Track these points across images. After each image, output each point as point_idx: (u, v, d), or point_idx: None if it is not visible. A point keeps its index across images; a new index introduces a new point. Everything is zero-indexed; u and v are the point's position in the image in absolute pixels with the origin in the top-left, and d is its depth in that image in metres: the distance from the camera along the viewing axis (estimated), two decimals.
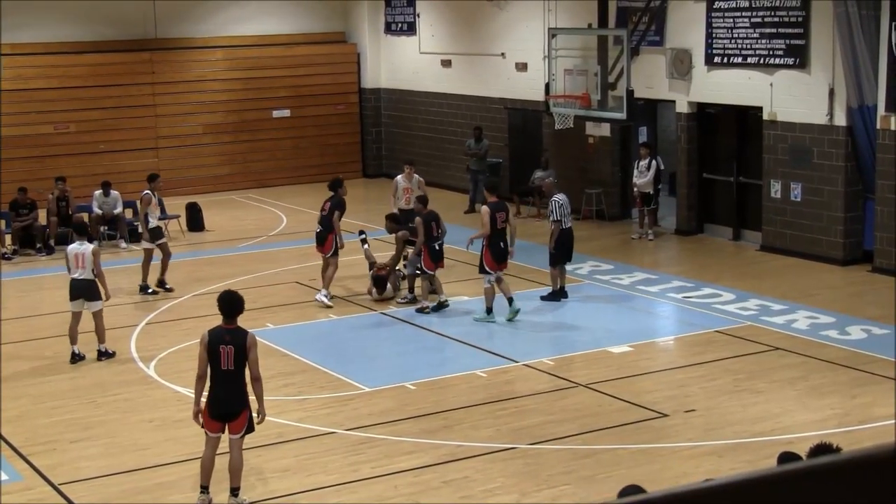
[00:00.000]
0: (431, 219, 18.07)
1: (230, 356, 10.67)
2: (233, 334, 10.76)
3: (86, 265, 15.53)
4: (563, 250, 18.30)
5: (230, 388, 10.76)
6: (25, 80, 27.80)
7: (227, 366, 10.69)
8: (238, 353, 10.68)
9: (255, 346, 10.78)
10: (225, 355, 10.68)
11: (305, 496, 11.24)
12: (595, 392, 14.06)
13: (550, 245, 18.35)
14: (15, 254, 22.98)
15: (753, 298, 18.22)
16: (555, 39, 23.91)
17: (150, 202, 19.57)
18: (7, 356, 16.29)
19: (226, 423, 10.86)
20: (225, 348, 10.68)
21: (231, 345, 10.68)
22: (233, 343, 10.69)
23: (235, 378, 10.75)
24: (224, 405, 10.80)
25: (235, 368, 10.71)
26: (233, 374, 10.72)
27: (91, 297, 15.65)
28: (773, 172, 21.30)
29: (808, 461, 2.17)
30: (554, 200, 18.29)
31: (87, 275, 15.56)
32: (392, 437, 12.67)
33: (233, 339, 10.71)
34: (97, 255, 15.68)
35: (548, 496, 11.06)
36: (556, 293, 18.39)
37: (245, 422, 10.89)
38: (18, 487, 11.66)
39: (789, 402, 13.59)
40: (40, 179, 26.55)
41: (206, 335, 10.84)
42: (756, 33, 21.26)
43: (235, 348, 10.67)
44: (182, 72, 29.81)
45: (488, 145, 26.68)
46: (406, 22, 30.68)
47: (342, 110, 31.85)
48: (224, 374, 10.72)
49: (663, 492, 2.22)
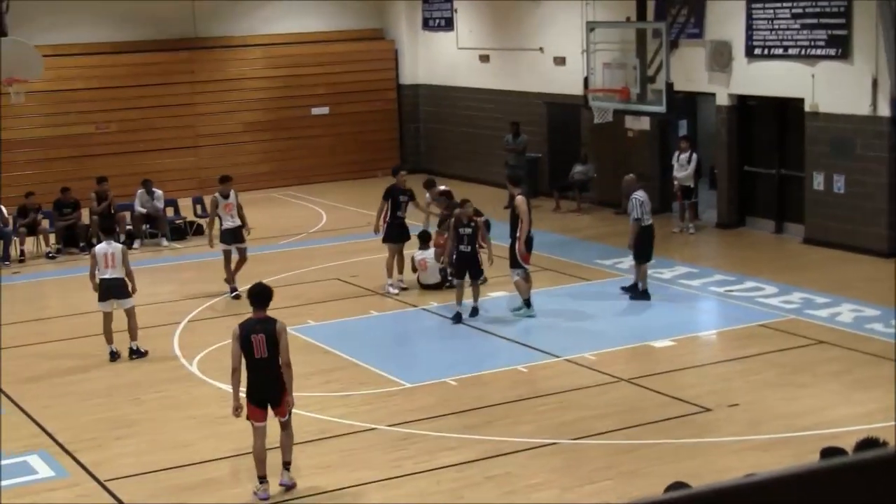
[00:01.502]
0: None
1: (262, 344, 11.06)
2: (263, 323, 11.16)
3: (116, 264, 15.60)
4: (644, 248, 17.86)
5: (266, 374, 11.12)
6: (66, 80, 28.01)
7: (260, 354, 11.08)
8: (269, 340, 11.06)
9: (284, 333, 11.15)
10: (257, 344, 11.07)
11: (348, 492, 11.27)
12: (637, 387, 14.01)
13: (630, 242, 17.88)
14: (59, 252, 23.17)
15: (796, 292, 18.08)
16: (593, 33, 23.80)
17: (218, 204, 19.18)
18: (51, 354, 16.44)
19: (268, 408, 11.21)
20: (256, 337, 11.07)
21: (262, 333, 11.08)
22: (263, 331, 11.09)
23: (270, 365, 11.10)
24: (263, 391, 11.15)
25: (269, 356, 11.08)
26: (267, 361, 11.09)
27: (123, 296, 15.76)
28: (816, 164, 21.14)
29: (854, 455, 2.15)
30: (634, 198, 17.81)
31: (118, 273, 15.63)
32: (434, 433, 12.67)
33: (263, 328, 11.12)
34: (126, 253, 15.81)
35: (589, 492, 11.03)
36: (642, 292, 17.94)
37: (288, 405, 11.26)
38: (65, 484, 11.77)
39: (833, 395, 13.49)
40: (82, 179, 26.75)
41: (237, 328, 11.25)
42: (797, 24, 21.09)
43: (266, 336, 11.06)
44: (221, 70, 29.95)
45: (527, 140, 26.63)
46: (443, 18, 30.67)
47: (380, 107, 31.88)
48: (258, 363, 11.10)
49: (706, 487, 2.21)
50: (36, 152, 27.95)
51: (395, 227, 18.96)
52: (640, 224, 17.69)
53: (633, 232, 17.74)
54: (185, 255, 23.07)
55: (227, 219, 19.15)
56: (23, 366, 15.86)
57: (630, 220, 17.93)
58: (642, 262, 17.92)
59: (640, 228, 17.71)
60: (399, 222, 18.98)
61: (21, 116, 27.31)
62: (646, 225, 17.78)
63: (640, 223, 17.68)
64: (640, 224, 17.69)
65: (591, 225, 24.37)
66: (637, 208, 17.70)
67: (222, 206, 19.16)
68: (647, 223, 17.80)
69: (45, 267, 22.49)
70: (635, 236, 17.72)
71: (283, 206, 27.86)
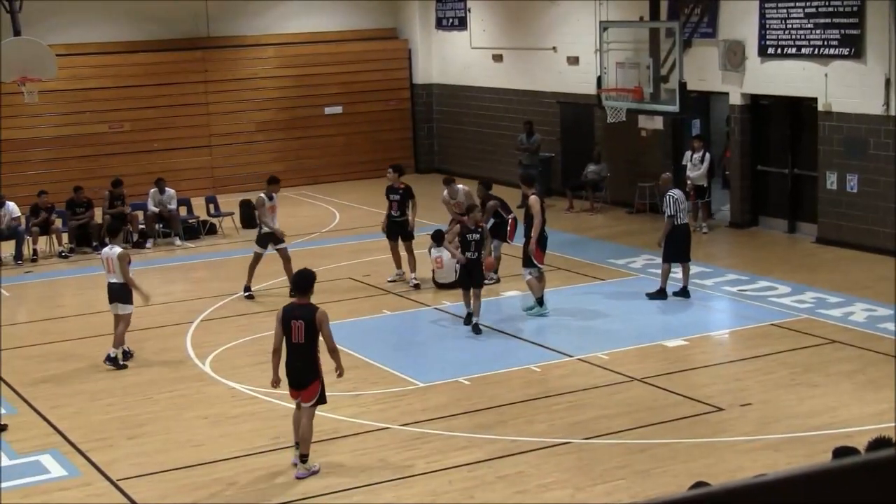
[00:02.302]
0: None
1: (300, 330, 11.42)
2: (303, 310, 11.51)
3: (114, 269, 15.42)
4: (679, 248, 17.76)
5: (300, 360, 11.55)
6: (80, 79, 28.08)
7: (297, 339, 11.46)
8: (308, 327, 11.40)
9: (325, 322, 11.47)
10: (296, 329, 11.44)
11: (360, 491, 11.27)
12: (650, 386, 13.99)
13: (661, 239, 17.87)
14: (72, 252, 23.22)
15: (809, 291, 18.05)
16: (606, 33, 23.77)
17: (264, 205, 19.10)
18: (64, 354, 16.47)
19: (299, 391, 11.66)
20: (296, 323, 11.44)
21: (301, 319, 11.43)
22: (303, 318, 11.43)
23: (305, 351, 11.50)
24: (296, 375, 11.62)
25: (305, 342, 11.46)
26: (303, 347, 11.47)
27: (121, 300, 15.55)
28: (829, 164, 21.09)
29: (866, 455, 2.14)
30: (669, 195, 17.76)
31: (116, 278, 15.45)
32: (446, 433, 12.67)
33: (303, 315, 11.46)
34: (122, 260, 15.39)
35: (602, 491, 11.01)
36: (660, 291, 17.89)
37: (315, 392, 11.64)
38: (77, 483, 11.79)
39: (846, 395, 13.45)
40: (95, 178, 26.85)
41: (280, 311, 11.68)
42: (810, 24, 21.04)
43: (305, 323, 11.41)
44: (234, 70, 29.99)
45: (540, 140, 26.61)
46: (457, 17, 30.68)
47: (394, 106, 31.89)
48: (295, 347, 11.52)
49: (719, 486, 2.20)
50: (49, 151, 28.02)
51: (389, 226, 19.35)
52: (673, 222, 17.63)
53: (666, 229, 17.70)
54: (197, 255, 23.11)
55: (268, 221, 19.09)
56: (35, 365, 15.89)
57: (665, 218, 17.91)
58: (670, 261, 17.79)
59: (673, 226, 17.66)
60: (392, 220, 19.26)
61: (34, 115, 27.39)
62: (680, 224, 17.74)
63: (673, 220, 17.63)
64: (673, 222, 17.63)
65: (604, 224, 24.34)
66: (671, 206, 17.65)
67: (266, 206, 19.10)
68: (681, 222, 17.78)
69: (58, 266, 22.54)
70: (666, 234, 17.68)
71: (296, 206, 27.88)
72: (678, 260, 17.86)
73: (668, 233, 17.73)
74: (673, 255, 17.80)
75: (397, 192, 19.26)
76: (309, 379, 11.60)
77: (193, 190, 27.41)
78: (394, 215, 19.26)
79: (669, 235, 17.73)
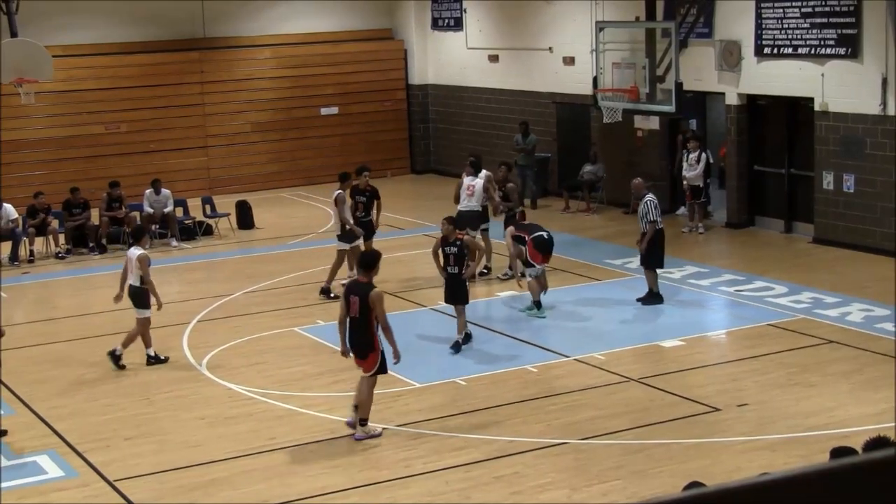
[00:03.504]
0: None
1: (356, 305, 12.21)
2: (361, 287, 12.33)
3: (133, 271, 15.46)
4: (660, 253, 17.63)
5: (356, 333, 12.38)
6: (76, 81, 28.06)
7: (353, 313, 12.26)
8: (362, 303, 12.16)
9: (378, 301, 12.18)
10: (352, 304, 12.25)
11: (356, 492, 11.27)
12: (646, 387, 13.99)
13: (642, 247, 17.53)
14: (68, 253, 23.20)
15: (806, 291, 18.06)
16: (602, 33, 23.80)
17: (345, 201, 18.89)
18: (61, 355, 16.47)
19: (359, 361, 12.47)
20: (353, 298, 12.26)
21: (357, 296, 12.22)
22: (359, 294, 12.22)
23: (360, 325, 12.28)
24: (354, 346, 12.46)
25: (360, 317, 12.21)
26: (358, 321, 12.27)
27: (137, 304, 15.54)
28: (825, 164, 21.10)
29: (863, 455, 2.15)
30: (648, 201, 17.52)
31: (134, 280, 15.47)
32: (443, 433, 12.67)
33: (359, 291, 12.26)
34: (143, 262, 15.42)
35: (599, 491, 11.02)
36: (655, 294, 17.69)
37: (373, 364, 12.39)
38: (74, 484, 11.79)
39: (843, 395, 13.46)
40: (92, 179, 26.84)
41: (344, 286, 12.95)
42: (807, 23, 21.06)
43: (360, 299, 12.17)
44: (230, 71, 29.98)
45: (536, 140, 26.61)
46: (453, 17, 30.67)
47: (390, 107, 31.89)
48: (352, 321, 12.34)
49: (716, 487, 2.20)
50: (46, 152, 28.00)
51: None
52: (655, 227, 17.50)
53: (650, 235, 17.43)
54: (194, 256, 23.10)
55: (349, 218, 18.90)
56: (32, 366, 15.88)
57: (642, 224, 17.63)
58: (653, 267, 17.76)
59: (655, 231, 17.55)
60: (357, 222, 19.00)
61: (31, 117, 27.36)
62: (659, 229, 17.62)
63: (655, 225, 17.50)
64: (655, 227, 17.50)
65: (601, 224, 24.35)
66: (652, 211, 17.46)
67: (347, 203, 19.01)
68: (659, 227, 17.64)
69: (55, 267, 22.52)
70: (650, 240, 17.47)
71: (292, 206, 27.88)
72: (659, 266, 17.77)
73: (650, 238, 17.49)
74: (658, 261, 17.71)
75: (364, 194, 19.27)
76: (366, 351, 12.34)
77: (189, 191, 27.40)
78: (359, 216, 19.15)
79: (650, 241, 17.57)
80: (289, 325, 17.27)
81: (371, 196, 19.34)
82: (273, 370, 15.23)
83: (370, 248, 12.83)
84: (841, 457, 3.40)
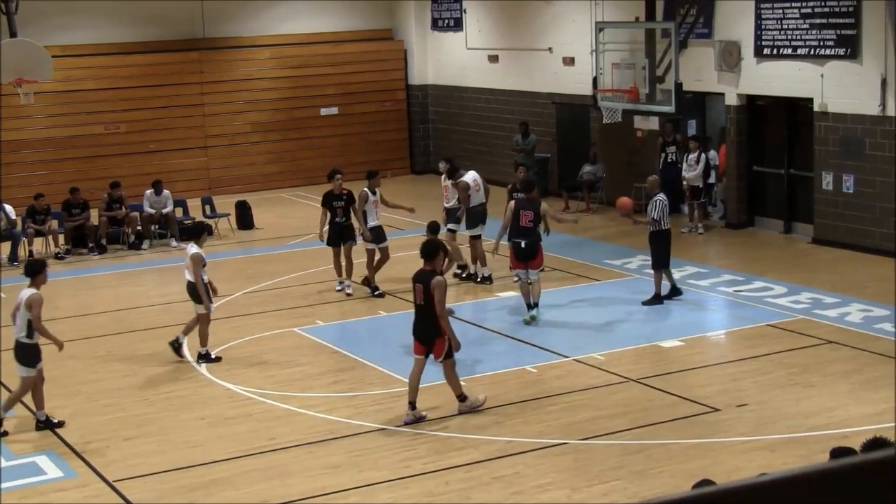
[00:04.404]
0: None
1: (420, 293, 12.72)
2: (424, 275, 12.77)
3: (189, 268, 15.49)
4: (667, 252, 17.61)
5: (421, 319, 12.86)
6: (76, 81, 28.06)
7: (417, 300, 12.82)
8: (425, 290, 12.62)
9: (438, 289, 12.55)
10: (416, 292, 12.79)
11: (356, 492, 11.27)
12: (646, 387, 14.00)
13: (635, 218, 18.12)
14: (68, 253, 23.20)
15: (806, 291, 18.06)
16: (602, 33, 23.81)
17: (367, 199, 18.82)
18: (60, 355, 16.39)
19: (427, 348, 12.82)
20: (417, 286, 12.80)
21: (420, 283, 12.72)
22: (422, 282, 12.71)
23: (424, 312, 12.74)
24: (419, 332, 12.88)
25: (424, 304, 12.69)
26: (422, 308, 12.76)
27: (193, 299, 15.62)
28: (825, 164, 21.11)
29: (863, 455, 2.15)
30: (658, 200, 17.48)
31: (189, 277, 15.51)
32: (442, 433, 12.68)
33: (422, 279, 12.74)
34: (195, 261, 15.40)
35: (599, 492, 11.02)
36: (658, 296, 17.64)
37: (442, 349, 12.76)
38: (73, 484, 11.79)
39: (843, 395, 13.46)
40: (91, 179, 26.85)
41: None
42: (806, 24, 21.06)
43: (423, 287, 12.64)
44: (230, 71, 29.98)
45: (536, 140, 26.61)
46: (453, 18, 30.68)
47: (390, 107, 31.89)
48: (417, 308, 12.88)
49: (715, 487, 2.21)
50: (45, 153, 28.00)
51: (334, 232, 18.86)
52: (659, 225, 17.50)
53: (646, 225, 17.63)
54: None
55: (373, 217, 18.87)
56: None
57: (648, 220, 17.63)
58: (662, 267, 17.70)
59: (660, 231, 17.56)
60: (337, 227, 18.81)
61: (30, 117, 27.37)
62: (665, 229, 17.60)
63: (659, 224, 17.49)
64: (659, 225, 17.50)
65: (601, 225, 24.35)
66: (658, 209, 17.46)
67: (371, 202, 18.91)
68: (666, 227, 17.64)
69: (55, 268, 22.46)
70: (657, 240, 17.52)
71: (292, 207, 27.89)
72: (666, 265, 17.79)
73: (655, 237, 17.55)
74: (666, 262, 17.74)
75: (341, 199, 18.88)
76: (432, 337, 12.71)
77: (189, 191, 27.41)
78: (339, 221, 18.80)
79: (658, 241, 17.61)
80: (289, 326, 17.28)
81: (348, 200, 18.91)
82: (273, 370, 15.24)
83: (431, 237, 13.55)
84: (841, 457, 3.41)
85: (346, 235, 18.89)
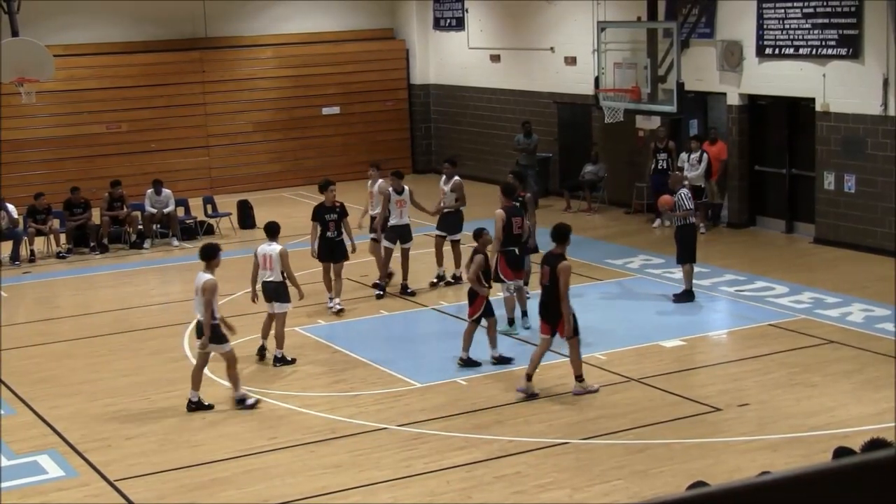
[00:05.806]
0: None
1: (546, 275, 13.51)
2: (552, 258, 13.62)
3: (273, 267, 15.15)
4: (692, 248, 17.65)
5: (548, 299, 13.55)
6: (77, 80, 28.07)
7: (543, 281, 13.60)
8: (551, 272, 13.40)
9: (563, 273, 13.36)
10: (543, 273, 13.59)
11: (358, 492, 11.27)
12: (647, 386, 13.99)
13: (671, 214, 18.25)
14: (69, 252, 23.21)
15: (807, 291, 18.05)
16: (604, 33, 23.80)
17: (390, 199, 18.61)
18: (62, 354, 16.47)
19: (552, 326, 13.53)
20: (544, 268, 13.61)
21: (547, 266, 13.53)
22: (549, 264, 13.52)
23: (549, 293, 13.50)
24: (546, 312, 13.59)
25: (549, 285, 13.48)
26: (548, 288, 13.54)
27: (278, 299, 15.27)
28: (826, 164, 21.10)
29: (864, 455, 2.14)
30: (682, 194, 17.56)
31: (275, 276, 15.16)
32: (444, 433, 12.67)
33: (550, 262, 13.56)
34: (285, 257, 15.13)
35: (600, 491, 11.01)
36: (688, 292, 17.67)
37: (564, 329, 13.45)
38: (74, 483, 11.79)
39: (844, 395, 13.46)
40: (93, 179, 26.85)
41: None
42: (808, 24, 21.05)
43: (550, 269, 13.43)
44: (231, 70, 29.98)
45: (538, 140, 26.61)
46: (454, 17, 30.68)
47: (391, 107, 31.89)
48: (544, 288, 13.63)
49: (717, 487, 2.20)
50: (46, 152, 28.01)
51: (324, 247, 17.79)
52: (690, 214, 17.53)
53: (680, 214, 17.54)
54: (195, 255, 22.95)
55: (396, 215, 18.69)
56: (33, 366, 15.88)
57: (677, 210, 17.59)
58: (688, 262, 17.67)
59: (688, 226, 17.57)
60: (328, 242, 17.75)
61: (32, 116, 27.38)
62: (689, 223, 17.65)
63: (691, 213, 17.53)
64: (690, 214, 17.53)
65: (602, 224, 24.35)
66: (686, 202, 17.51)
67: (394, 201, 18.72)
68: (690, 221, 17.70)
69: (56, 267, 22.52)
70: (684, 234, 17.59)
71: (293, 206, 27.87)
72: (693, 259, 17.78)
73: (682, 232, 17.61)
74: (691, 256, 17.71)
75: (334, 211, 17.79)
76: (555, 317, 13.42)
77: (191, 190, 27.40)
78: (330, 236, 17.70)
79: (684, 235, 17.65)
80: (290, 325, 17.24)
81: (341, 213, 17.88)
82: (273, 370, 15.23)
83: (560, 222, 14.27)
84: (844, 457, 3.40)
85: (337, 253, 17.81)
